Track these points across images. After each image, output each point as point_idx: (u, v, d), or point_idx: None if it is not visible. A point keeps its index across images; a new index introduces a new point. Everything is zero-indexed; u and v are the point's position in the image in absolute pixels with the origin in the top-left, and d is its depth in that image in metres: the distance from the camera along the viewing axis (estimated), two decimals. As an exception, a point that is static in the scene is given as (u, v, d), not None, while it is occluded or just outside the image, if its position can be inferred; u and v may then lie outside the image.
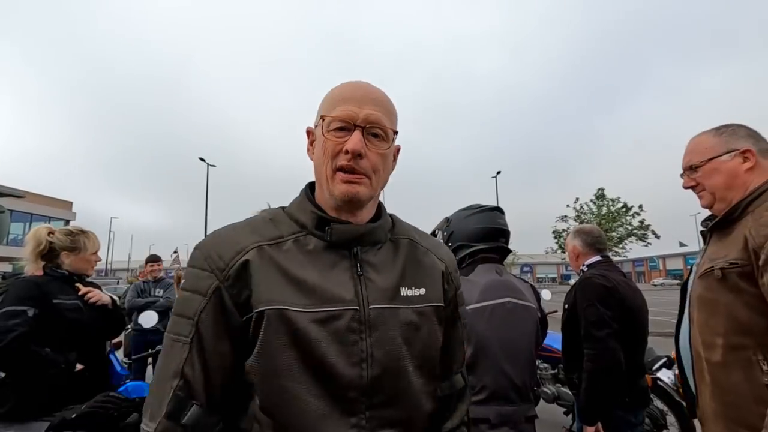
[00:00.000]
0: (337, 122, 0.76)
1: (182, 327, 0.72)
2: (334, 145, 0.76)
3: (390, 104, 0.82)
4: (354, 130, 0.76)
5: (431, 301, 0.84)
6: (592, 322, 1.91)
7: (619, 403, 1.94)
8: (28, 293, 1.91)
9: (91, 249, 2.19)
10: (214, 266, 0.73)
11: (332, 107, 0.78)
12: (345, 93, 0.79)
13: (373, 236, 0.82)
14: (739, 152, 1.25)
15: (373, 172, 0.78)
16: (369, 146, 0.77)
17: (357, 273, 0.78)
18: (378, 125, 0.77)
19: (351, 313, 0.74)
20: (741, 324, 1.11)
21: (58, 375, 1.88)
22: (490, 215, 1.81)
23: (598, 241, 2.27)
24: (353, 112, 0.76)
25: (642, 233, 24.30)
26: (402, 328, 0.78)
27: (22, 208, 26.45)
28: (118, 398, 1.62)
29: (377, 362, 0.75)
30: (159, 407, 0.69)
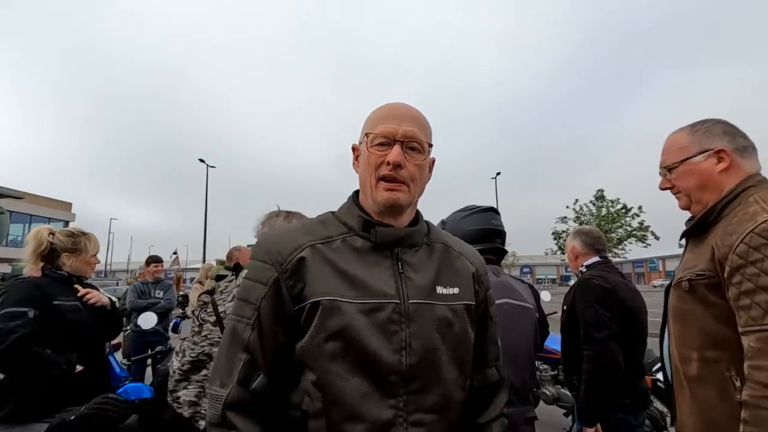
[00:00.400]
0: (380, 138, 0.88)
1: (246, 310, 0.84)
2: (377, 158, 0.88)
3: (425, 121, 0.94)
4: (394, 144, 0.87)
5: (463, 300, 0.93)
6: (591, 323, 1.91)
7: (618, 405, 1.94)
8: (28, 294, 1.91)
9: (92, 251, 2.20)
10: (274, 260, 0.85)
11: (375, 125, 0.90)
12: (386, 112, 0.91)
13: (412, 239, 0.93)
14: (713, 152, 1.18)
15: (411, 181, 0.89)
16: (407, 158, 0.88)
17: (398, 271, 0.88)
18: (415, 139, 0.88)
19: (392, 306, 0.84)
20: (713, 337, 1.08)
21: (59, 376, 1.88)
22: (484, 216, 1.81)
23: (597, 241, 2.27)
24: (393, 129, 0.87)
25: (642, 234, 24.28)
26: (437, 322, 0.87)
27: (21, 209, 26.41)
28: (117, 400, 1.62)
29: (415, 351, 0.83)
30: (229, 376, 0.81)
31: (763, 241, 0.97)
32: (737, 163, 1.17)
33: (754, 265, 0.97)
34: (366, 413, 0.78)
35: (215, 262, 5.05)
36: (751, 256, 0.97)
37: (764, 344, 0.92)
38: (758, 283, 0.95)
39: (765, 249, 0.96)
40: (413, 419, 0.81)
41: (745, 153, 1.18)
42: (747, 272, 0.97)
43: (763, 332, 0.93)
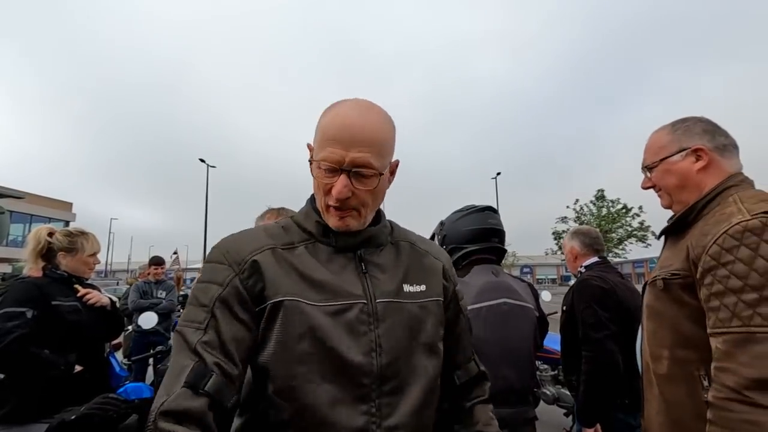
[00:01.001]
0: (325, 164, 0.78)
1: (197, 314, 0.74)
2: (324, 185, 0.81)
3: (384, 137, 0.81)
4: (340, 173, 0.77)
5: (431, 297, 0.91)
6: (589, 323, 1.91)
7: (618, 405, 1.94)
8: (27, 295, 1.92)
9: (89, 251, 2.18)
10: (231, 260, 0.78)
11: (321, 147, 0.79)
12: (334, 131, 0.78)
13: (376, 239, 0.89)
14: (690, 151, 1.18)
15: (362, 206, 0.82)
16: (356, 184, 0.79)
17: (362, 271, 0.84)
18: (365, 166, 0.77)
19: (360, 306, 0.80)
20: (684, 337, 1.07)
21: (57, 376, 1.88)
22: (481, 216, 1.81)
23: (596, 242, 2.27)
24: (339, 156, 0.76)
25: (642, 234, 24.29)
26: (407, 321, 0.84)
27: (21, 209, 26.41)
28: (117, 400, 1.62)
29: (386, 352, 0.80)
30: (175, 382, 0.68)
31: (735, 243, 0.96)
32: (716, 162, 1.16)
33: (725, 267, 0.96)
34: (337, 421, 0.73)
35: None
36: (723, 258, 0.97)
37: (730, 347, 0.92)
38: (728, 285, 0.95)
39: (737, 251, 0.95)
40: (386, 425, 0.77)
41: (725, 152, 1.17)
42: (718, 274, 0.97)
43: (729, 334, 0.93)
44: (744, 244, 0.95)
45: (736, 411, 0.88)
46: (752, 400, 0.86)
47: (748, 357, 0.88)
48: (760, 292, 0.90)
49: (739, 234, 0.96)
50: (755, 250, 0.93)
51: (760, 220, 0.95)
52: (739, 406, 0.87)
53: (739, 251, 0.95)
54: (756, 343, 0.88)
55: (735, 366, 0.90)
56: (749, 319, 0.90)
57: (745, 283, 0.92)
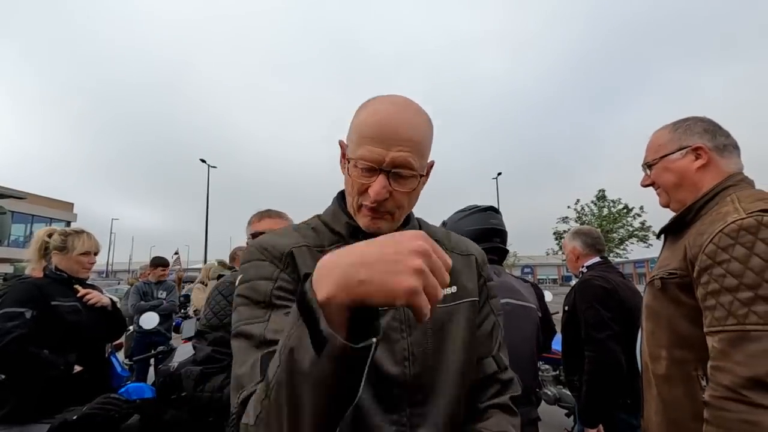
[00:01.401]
0: (363, 162, 0.74)
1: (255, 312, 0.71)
2: (360, 186, 0.76)
3: (423, 136, 0.77)
4: (379, 173, 0.74)
5: (463, 298, 0.86)
6: (592, 324, 1.91)
7: (620, 406, 1.94)
8: (27, 295, 1.92)
9: (80, 249, 2.13)
10: (271, 256, 0.77)
11: (359, 145, 0.75)
12: (373, 128, 0.74)
13: None
14: (690, 149, 1.18)
15: (397, 209, 0.79)
16: (394, 185, 0.75)
17: None
18: (405, 167, 0.74)
19: (392, 312, 0.77)
20: (682, 337, 1.07)
21: (57, 377, 1.88)
22: (482, 216, 1.81)
23: (598, 241, 2.28)
24: (379, 155, 0.72)
25: (643, 234, 24.26)
26: (438, 326, 0.80)
27: (23, 210, 26.46)
28: (118, 400, 1.62)
29: (418, 361, 0.76)
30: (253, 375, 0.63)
31: (731, 241, 0.96)
32: (715, 161, 1.16)
33: (720, 265, 0.96)
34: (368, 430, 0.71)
35: (216, 262, 5.07)
36: (719, 257, 0.97)
37: (725, 345, 0.92)
38: (723, 284, 0.95)
39: (732, 250, 0.95)
40: None
41: (724, 151, 1.17)
42: (714, 273, 0.97)
43: (725, 333, 0.93)
44: (739, 242, 0.95)
45: (733, 410, 0.88)
46: (748, 399, 0.86)
47: (743, 355, 0.88)
48: (756, 290, 0.90)
49: (734, 232, 0.96)
50: (750, 248, 0.93)
51: (755, 219, 0.95)
52: (736, 405, 0.87)
53: (734, 250, 0.95)
54: (751, 342, 0.88)
55: (730, 365, 0.90)
56: (744, 317, 0.90)
57: (740, 281, 0.92)
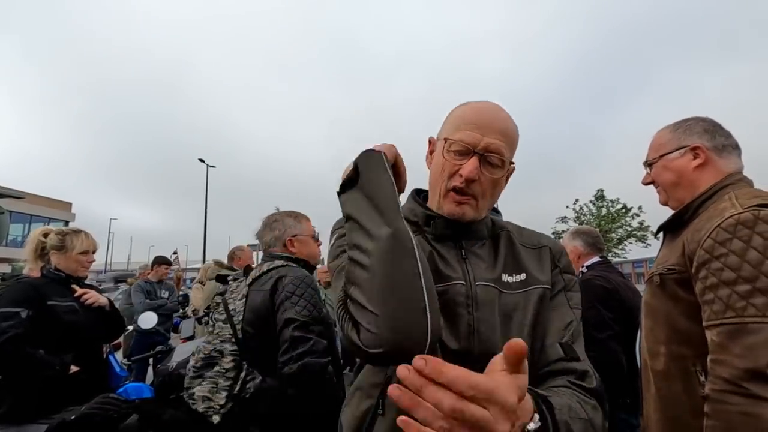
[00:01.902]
0: (458, 145, 0.80)
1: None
2: (451, 167, 0.81)
3: (514, 133, 0.84)
4: (473, 155, 0.79)
5: (532, 285, 0.83)
6: (593, 324, 1.91)
7: (620, 405, 1.94)
8: (23, 295, 1.92)
9: (79, 248, 2.14)
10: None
11: (456, 129, 0.81)
12: (471, 116, 0.81)
13: (477, 233, 0.87)
14: (689, 149, 1.20)
15: (482, 196, 0.82)
16: (484, 172, 0.80)
17: (462, 257, 0.83)
18: (497, 154, 0.79)
19: (458, 287, 0.78)
20: (681, 333, 1.08)
21: (53, 377, 1.88)
22: None
23: (598, 240, 2.28)
24: (475, 138, 0.78)
25: (642, 234, 24.33)
26: (506, 309, 0.79)
27: (21, 209, 26.43)
28: (117, 400, 1.62)
29: (483, 337, 0.76)
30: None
31: (728, 236, 0.97)
32: (713, 161, 1.18)
33: (718, 259, 0.97)
34: None
35: (213, 262, 5.06)
36: (717, 251, 0.98)
37: (724, 338, 0.93)
38: (721, 277, 0.96)
39: (729, 244, 0.96)
40: None
41: (723, 151, 1.19)
42: (712, 267, 0.98)
43: (724, 326, 0.93)
44: (737, 236, 0.96)
45: (733, 403, 0.88)
46: (748, 392, 0.86)
47: (742, 348, 0.89)
48: (753, 283, 0.91)
49: (731, 227, 0.97)
50: (747, 242, 0.94)
51: (752, 213, 0.96)
52: (736, 398, 0.88)
53: (731, 244, 0.96)
54: (749, 334, 0.89)
55: (730, 358, 0.90)
56: (743, 310, 0.91)
57: (738, 275, 0.93)
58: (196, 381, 1.58)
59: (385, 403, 0.73)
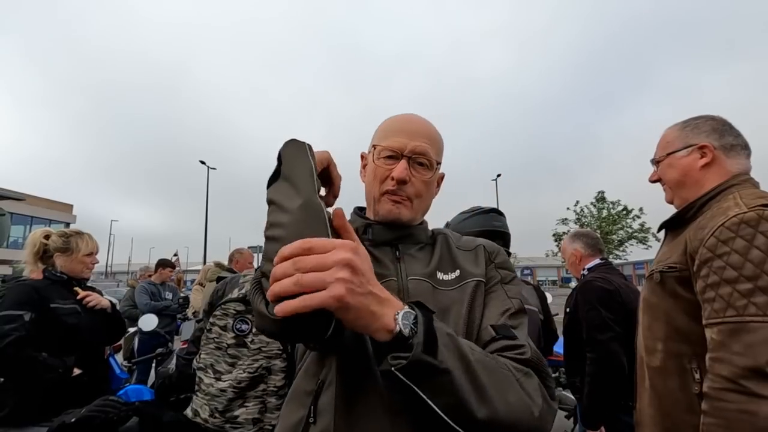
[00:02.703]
0: (387, 151, 0.85)
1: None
2: (383, 172, 0.86)
3: (438, 138, 0.91)
4: (401, 159, 0.84)
5: (466, 279, 0.84)
6: (594, 325, 1.90)
7: (622, 407, 1.94)
8: (25, 298, 1.92)
9: (84, 250, 2.16)
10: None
11: (384, 137, 0.87)
12: (398, 125, 0.88)
13: (414, 237, 0.90)
14: (696, 147, 1.20)
15: (415, 197, 0.86)
16: (414, 174, 0.85)
17: (397, 257, 0.85)
18: (424, 156, 0.85)
19: (390, 283, 0.79)
20: (679, 330, 1.09)
21: (55, 379, 1.87)
22: (485, 217, 1.81)
23: (598, 242, 2.29)
24: (402, 143, 0.84)
25: (642, 236, 24.29)
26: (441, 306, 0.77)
27: (22, 211, 26.46)
28: (117, 402, 1.61)
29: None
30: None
31: (731, 234, 0.97)
32: (720, 161, 1.18)
33: (720, 258, 0.97)
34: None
35: (213, 264, 5.06)
36: (719, 249, 0.98)
37: (725, 337, 0.93)
38: (723, 276, 0.96)
39: (732, 242, 0.97)
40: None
41: (731, 151, 1.18)
42: (714, 265, 0.98)
43: (724, 324, 0.93)
44: (740, 235, 0.96)
45: (732, 401, 0.88)
46: (747, 390, 0.86)
47: (742, 346, 0.89)
48: (755, 282, 0.91)
49: (735, 226, 0.98)
50: (750, 241, 0.94)
51: (756, 213, 0.97)
52: (735, 396, 0.88)
53: (734, 242, 0.96)
54: (749, 332, 0.89)
55: (729, 356, 0.90)
56: (744, 308, 0.91)
57: (740, 273, 0.93)
58: (236, 403, 1.44)
59: (317, 411, 0.71)
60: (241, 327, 1.54)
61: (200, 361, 1.55)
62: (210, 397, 1.46)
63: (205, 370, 1.51)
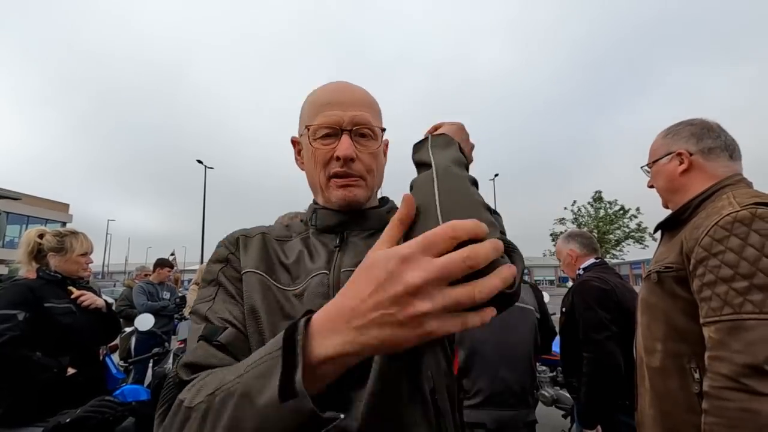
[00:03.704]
0: (324, 129, 0.74)
1: (206, 291, 0.73)
2: (324, 154, 0.75)
3: (374, 102, 0.81)
4: (342, 134, 0.74)
5: None
6: (591, 325, 1.91)
7: (619, 407, 1.94)
8: (20, 297, 1.91)
9: (79, 250, 2.14)
10: (227, 243, 0.79)
11: (315, 114, 0.75)
12: (327, 97, 0.76)
13: (363, 222, 0.79)
14: (675, 154, 1.25)
15: (367, 173, 0.77)
16: (359, 148, 0.75)
17: (335, 246, 0.76)
18: (366, 125, 0.75)
19: (318, 278, 0.71)
20: (678, 330, 1.09)
21: (50, 379, 1.86)
22: None
23: (593, 241, 2.29)
24: (338, 116, 0.73)
25: (639, 236, 24.37)
26: None
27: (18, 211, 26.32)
28: (113, 402, 1.61)
29: None
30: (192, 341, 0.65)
31: (726, 233, 0.99)
32: (699, 165, 1.21)
33: (716, 257, 0.98)
34: None
35: (209, 263, 5.07)
36: (714, 248, 0.99)
37: (723, 335, 0.93)
38: (719, 274, 0.97)
39: (727, 241, 0.98)
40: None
41: (710, 155, 1.21)
42: (709, 264, 0.99)
43: (722, 323, 0.94)
44: (734, 234, 0.97)
45: (733, 399, 0.88)
46: (748, 387, 0.86)
47: (741, 344, 0.89)
48: (750, 279, 0.92)
49: (729, 225, 0.99)
50: (744, 239, 0.96)
51: (749, 211, 0.98)
52: (736, 394, 0.88)
53: (729, 241, 0.98)
54: (748, 330, 0.90)
55: (729, 354, 0.91)
56: (740, 306, 0.92)
57: (735, 271, 0.95)
58: None
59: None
60: None
61: None
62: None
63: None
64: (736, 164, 1.21)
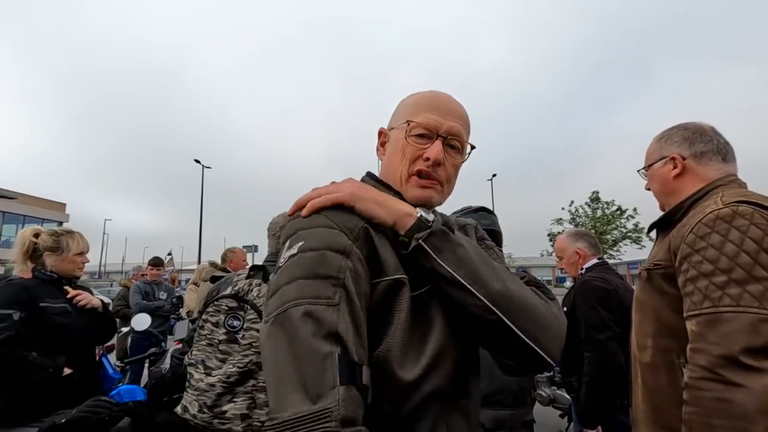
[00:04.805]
0: (421, 129, 0.78)
1: (323, 288, 0.60)
2: (413, 150, 0.79)
3: (468, 120, 0.85)
4: (436, 139, 0.78)
5: None
6: (592, 325, 1.91)
7: (619, 407, 1.94)
8: (15, 297, 1.90)
9: (75, 249, 2.13)
10: (341, 225, 0.68)
11: (416, 113, 0.79)
12: (430, 101, 0.81)
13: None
14: (668, 159, 1.28)
15: (446, 182, 0.81)
16: (447, 157, 0.79)
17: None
18: (458, 138, 0.80)
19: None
20: (666, 326, 1.12)
21: (45, 379, 1.85)
22: (474, 216, 1.81)
23: (597, 241, 2.33)
24: (437, 122, 0.78)
25: (636, 236, 24.44)
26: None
27: (14, 210, 26.23)
28: (109, 402, 1.59)
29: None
30: (320, 382, 0.53)
31: (708, 230, 1.02)
32: (692, 169, 1.24)
33: (698, 253, 1.02)
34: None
35: (208, 263, 5.04)
36: (697, 245, 1.03)
37: (702, 328, 0.96)
38: (701, 269, 1.00)
39: (709, 237, 1.02)
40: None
41: (702, 158, 1.24)
42: (692, 260, 1.03)
43: (702, 316, 0.97)
44: (715, 230, 1.01)
45: (708, 389, 0.91)
46: (723, 378, 0.89)
47: (717, 336, 0.92)
48: (729, 274, 0.96)
49: (711, 222, 1.03)
50: (725, 235, 0.99)
51: (730, 209, 1.02)
52: (711, 385, 0.91)
53: (710, 238, 1.01)
54: (724, 322, 0.93)
55: (706, 345, 0.94)
56: (719, 300, 0.95)
57: (715, 266, 0.98)
58: (225, 398, 1.40)
59: None
60: (233, 323, 1.50)
61: (191, 357, 1.53)
62: (199, 392, 1.44)
63: (196, 365, 1.49)
64: (729, 166, 1.23)
